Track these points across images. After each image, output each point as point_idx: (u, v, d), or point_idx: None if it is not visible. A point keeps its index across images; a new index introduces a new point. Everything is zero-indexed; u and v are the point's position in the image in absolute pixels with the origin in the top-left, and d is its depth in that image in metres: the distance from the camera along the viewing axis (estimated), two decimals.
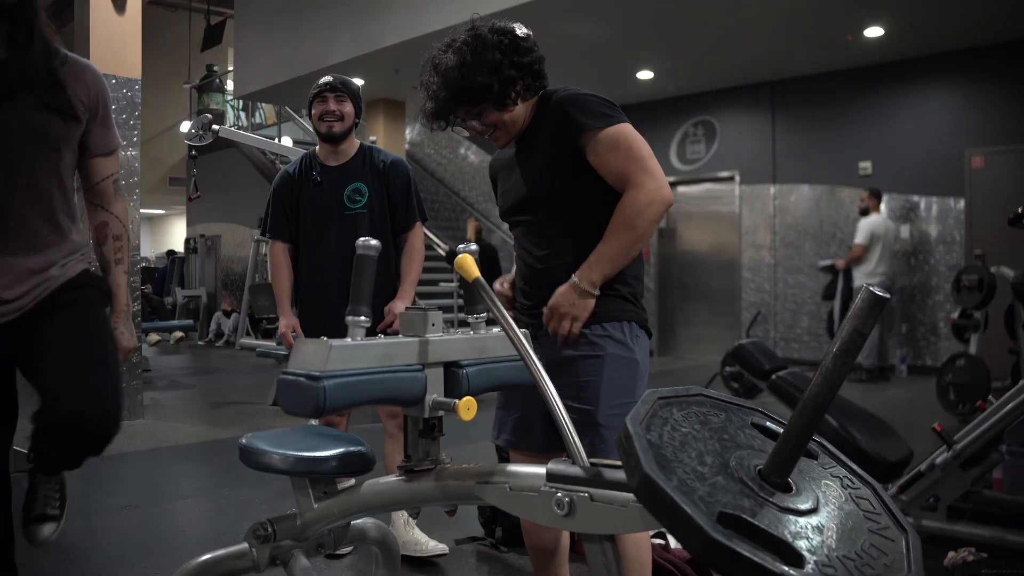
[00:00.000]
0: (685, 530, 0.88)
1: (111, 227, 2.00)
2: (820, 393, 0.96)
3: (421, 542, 2.82)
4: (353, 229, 2.79)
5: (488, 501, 1.34)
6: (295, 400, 1.39)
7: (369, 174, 2.89)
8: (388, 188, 2.89)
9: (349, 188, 2.86)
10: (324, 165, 2.90)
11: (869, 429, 3.08)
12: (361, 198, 2.86)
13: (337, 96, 2.87)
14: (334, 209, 2.85)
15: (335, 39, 8.06)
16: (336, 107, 2.86)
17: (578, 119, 1.82)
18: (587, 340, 1.79)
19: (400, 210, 2.91)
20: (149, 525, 3.25)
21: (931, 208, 7.81)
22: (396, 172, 2.92)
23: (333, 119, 2.85)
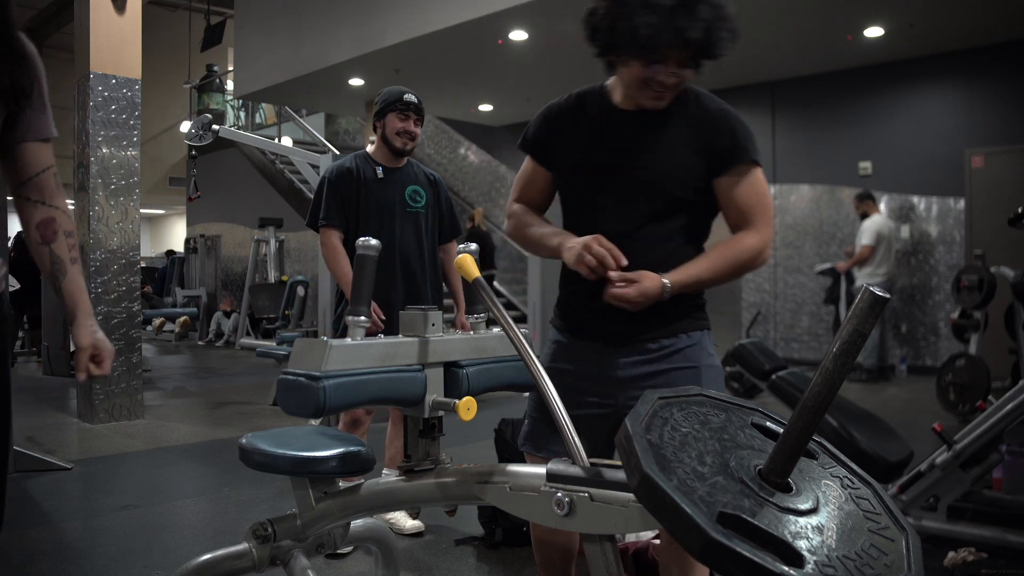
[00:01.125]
0: (685, 530, 0.88)
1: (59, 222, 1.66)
2: (820, 393, 0.96)
3: (398, 518, 3.02)
4: (415, 226, 3.09)
5: (488, 501, 1.34)
6: (295, 400, 1.39)
7: (423, 182, 3.16)
8: (438, 199, 3.19)
9: (410, 188, 3.10)
10: (385, 165, 3.10)
11: (869, 429, 3.08)
12: (420, 199, 3.12)
13: (418, 120, 3.09)
14: (397, 205, 3.06)
15: (335, 39, 8.06)
16: (415, 129, 3.08)
17: (744, 144, 1.73)
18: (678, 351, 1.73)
19: (447, 220, 3.23)
20: (149, 525, 3.25)
21: (931, 208, 7.81)
22: (442, 186, 3.25)
23: (409, 139, 3.07)
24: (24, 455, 4.11)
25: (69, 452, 4.57)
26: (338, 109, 11.63)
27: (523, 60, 7.97)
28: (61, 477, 4.03)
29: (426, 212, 3.13)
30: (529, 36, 7.15)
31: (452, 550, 2.93)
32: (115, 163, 5.50)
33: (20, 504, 3.58)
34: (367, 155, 3.14)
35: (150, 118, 13.96)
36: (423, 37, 7.19)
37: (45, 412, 5.94)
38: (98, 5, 5.47)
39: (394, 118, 3.05)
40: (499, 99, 9.92)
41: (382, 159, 3.11)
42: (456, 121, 11.77)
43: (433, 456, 1.52)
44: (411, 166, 3.18)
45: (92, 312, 1.71)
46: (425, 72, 8.53)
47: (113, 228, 5.48)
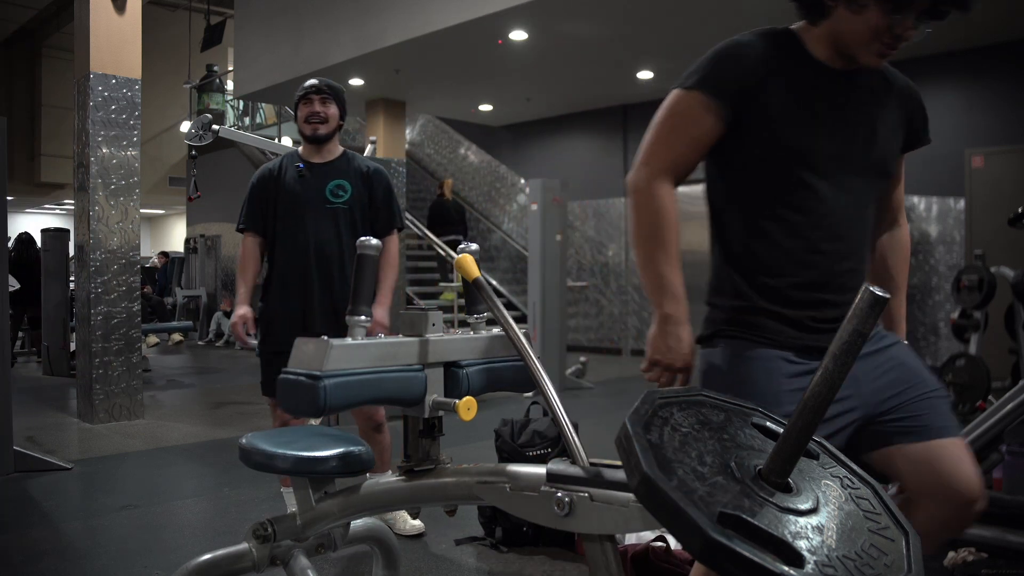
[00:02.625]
0: (685, 530, 0.88)
1: None
2: (820, 393, 0.96)
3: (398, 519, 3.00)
4: (334, 222, 2.87)
5: (488, 501, 1.34)
6: (296, 400, 1.39)
7: (353, 175, 2.94)
8: (371, 192, 2.95)
9: (332, 183, 2.90)
10: (308, 161, 2.94)
11: None
12: (344, 194, 2.90)
13: (323, 98, 2.90)
14: (315, 201, 2.88)
15: (335, 39, 8.06)
16: (321, 109, 2.89)
17: (926, 127, 1.60)
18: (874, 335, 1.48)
19: (382, 214, 2.98)
20: (149, 525, 3.25)
21: (931, 208, 7.81)
22: (379, 178, 2.98)
23: (318, 121, 2.89)
24: (24, 455, 4.11)
25: (69, 452, 4.57)
26: None
27: (523, 60, 7.97)
28: (61, 477, 4.03)
29: (350, 207, 2.91)
30: (529, 36, 7.15)
31: (452, 550, 2.93)
32: (115, 163, 5.50)
33: (20, 504, 3.58)
34: (295, 154, 3.02)
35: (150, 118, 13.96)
36: (423, 37, 7.19)
37: (45, 412, 5.94)
38: (98, 5, 5.47)
39: (301, 108, 2.92)
40: (499, 99, 9.92)
41: (307, 155, 2.97)
42: (456, 121, 11.77)
43: (433, 456, 1.52)
44: (344, 160, 2.98)
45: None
46: (425, 72, 8.53)
47: (113, 228, 5.48)
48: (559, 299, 6.94)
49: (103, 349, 5.37)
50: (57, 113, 16.03)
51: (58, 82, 15.92)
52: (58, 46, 15.43)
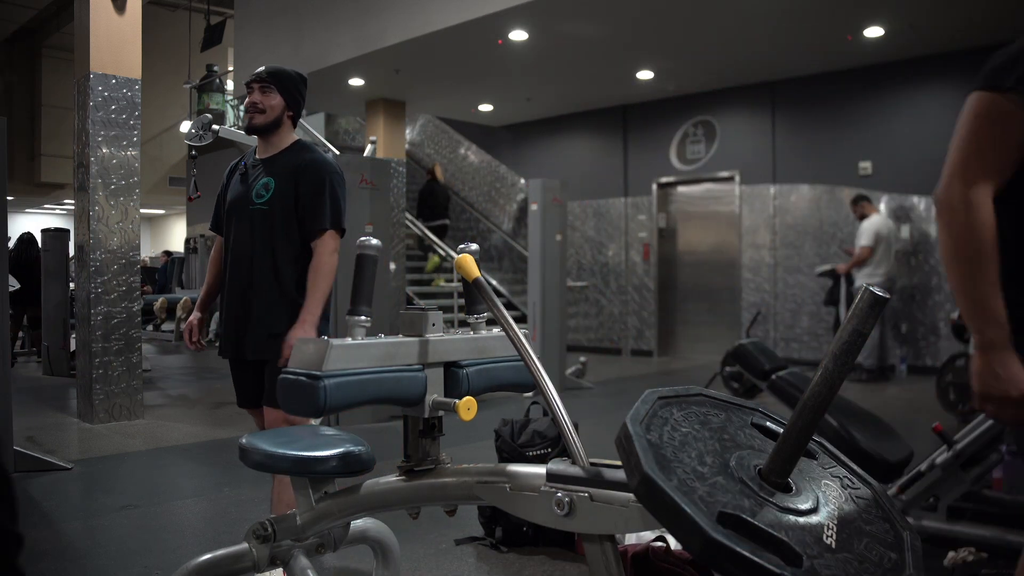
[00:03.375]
0: (685, 530, 0.88)
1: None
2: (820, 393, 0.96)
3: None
4: (250, 227, 2.58)
5: (488, 501, 1.34)
6: (295, 400, 1.39)
7: (285, 170, 2.61)
8: (297, 189, 2.58)
9: (260, 182, 2.61)
10: (256, 157, 2.70)
11: (869, 429, 3.08)
12: (266, 193, 2.59)
13: (262, 87, 2.63)
14: (241, 202, 2.63)
15: (335, 39, 8.06)
16: (260, 99, 2.62)
17: None
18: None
19: (307, 214, 2.57)
20: (149, 525, 3.25)
21: (931, 208, 7.80)
22: (311, 171, 2.60)
23: (254, 111, 2.63)
24: (24, 455, 4.11)
25: (69, 452, 4.57)
26: (338, 109, 11.63)
27: (523, 60, 7.96)
28: (61, 477, 4.03)
29: (270, 208, 2.57)
30: (529, 36, 7.15)
31: (452, 550, 2.93)
32: (115, 163, 5.50)
33: (20, 504, 3.58)
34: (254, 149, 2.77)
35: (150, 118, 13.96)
36: (423, 37, 7.19)
37: (45, 412, 5.94)
38: (98, 5, 5.47)
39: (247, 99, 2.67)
40: (499, 99, 9.92)
41: (259, 148, 2.71)
42: (456, 121, 11.77)
43: (433, 456, 1.52)
44: (285, 155, 2.65)
45: None
46: (425, 72, 8.53)
47: (113, 228, 5.48)
48: (559, 299, 6.94)
49: (103, 349, 5.37)
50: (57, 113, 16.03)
51: (58, 82, 15.92)
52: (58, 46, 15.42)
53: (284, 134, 2.68)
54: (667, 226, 9.86)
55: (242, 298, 2.60)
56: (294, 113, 2.69)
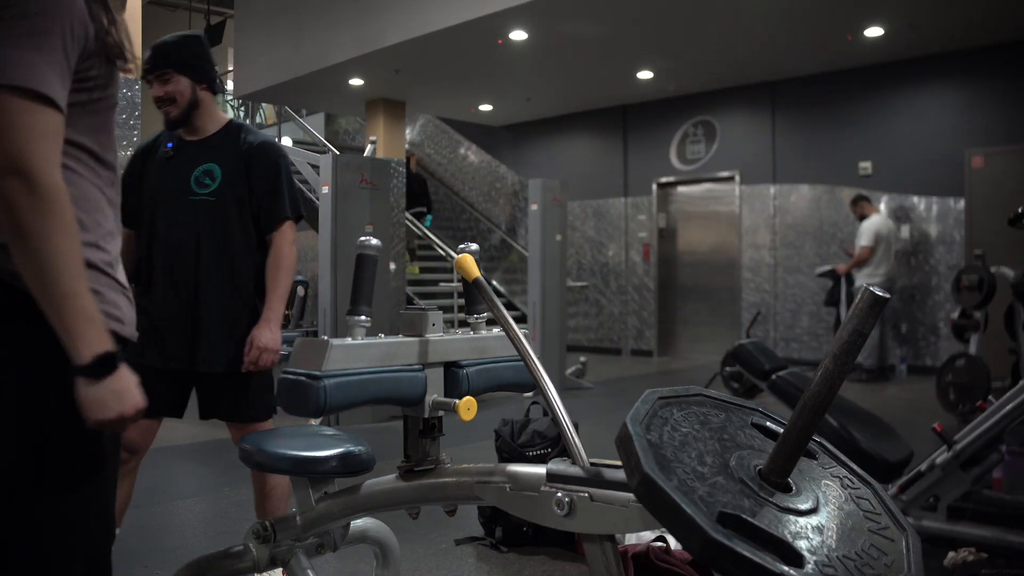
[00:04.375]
0: (685, 530, 0.88)
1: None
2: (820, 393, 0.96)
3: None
4: (194, 219, 2.27)
5: (488, 501, 1.34)
6: (296, 400, 1.39)
7: (230, 155, 2.33)
8: (249, 176, 2.32)
9: (199, 169, 2.30)
10: (181, 139, 2.36)
11: (869, 429, 3.08)
12: (212, 182, 2.30)
13: (160, 76, 2.28)
14: (175, 192, 2.29)
15: (335, 39, 8.06)
16: (163, 90, 2.28)
17: None
18: None
19: (264, 202, 2.33)
20: (149, 525, 3.25)
21: (931, 208, 7.81)
22: (262, 156, 2.34)
23: (164, 105, 2.30)
24: None
25: None
26: (338, 109, 11.63)
27: (523, 60, 7.96)
28: None
29: (219, 199, 2.28)
30: (529, 36, 7.15)
31: (452, 550, 2.93)
32: None
33: None
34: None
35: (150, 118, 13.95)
36: (423, 37, 7.19)
37: None
38: None
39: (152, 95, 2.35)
40: (499, 99, 9.92)
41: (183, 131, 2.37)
42: (456, 121, 11.77)
43: (433, 456, 1.52)
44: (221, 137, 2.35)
45: None
46: (425, 72, 8.53)
47: None
48: (559, 299, 6.94)
49: None
50: None
51: None
52: None
53: (209, 111, 2.36)
54: (667, 226, 9.85)
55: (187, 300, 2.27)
56: (207, 84, 2.35)
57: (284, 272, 2.34)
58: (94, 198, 1.17)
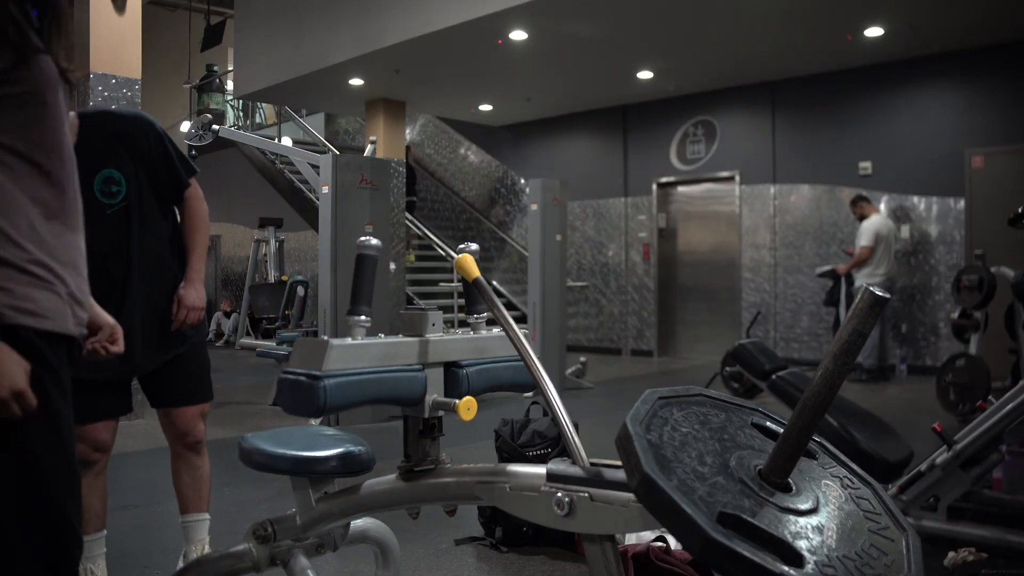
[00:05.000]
0: (685, 530, 0.88)
1: None
2: (820, 393, 0.96)
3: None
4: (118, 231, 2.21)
5: (488, 501, 1.34)
6: (295, 400, 1.39)
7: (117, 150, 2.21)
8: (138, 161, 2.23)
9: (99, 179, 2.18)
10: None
11: (869, 429, 3.08)
12: (119, 189, 2.21)
13: None
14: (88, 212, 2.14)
15: (335, 39, 8.06)
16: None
17: None
18: None
19: (162, 174, 2.28)
20: (149, 525, 3.25)
21: (931, 208, 7.81)
22: (143, 131, 2.25)
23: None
24: None
25: None
26: (338, 109, 11.63)
27: (523, 60, 7.96)
28: None
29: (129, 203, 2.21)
30: (529, 36, 7.15)
31: (452, 550, 2.93)
32: None
33: None
34: None
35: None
36: (423, 37, 7.19)
37: None
38: (98, 5, 5.47)
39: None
40: (499, 99, 9.92)
41: None
42: (456, 121, 11.77)
43: (433, 456, 1.52)
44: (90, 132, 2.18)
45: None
46: (425, 72, 8.53)
47: None
48: (559, 299, 6.94)
49: None
50: None
51: None
52: None
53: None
54: (667, 226, 9.85)
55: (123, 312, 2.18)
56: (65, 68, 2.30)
57: (202, 230, 2.37)
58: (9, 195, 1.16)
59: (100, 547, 2.43)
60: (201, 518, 2.59)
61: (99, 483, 2.40)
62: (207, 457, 2.61)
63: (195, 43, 12.51)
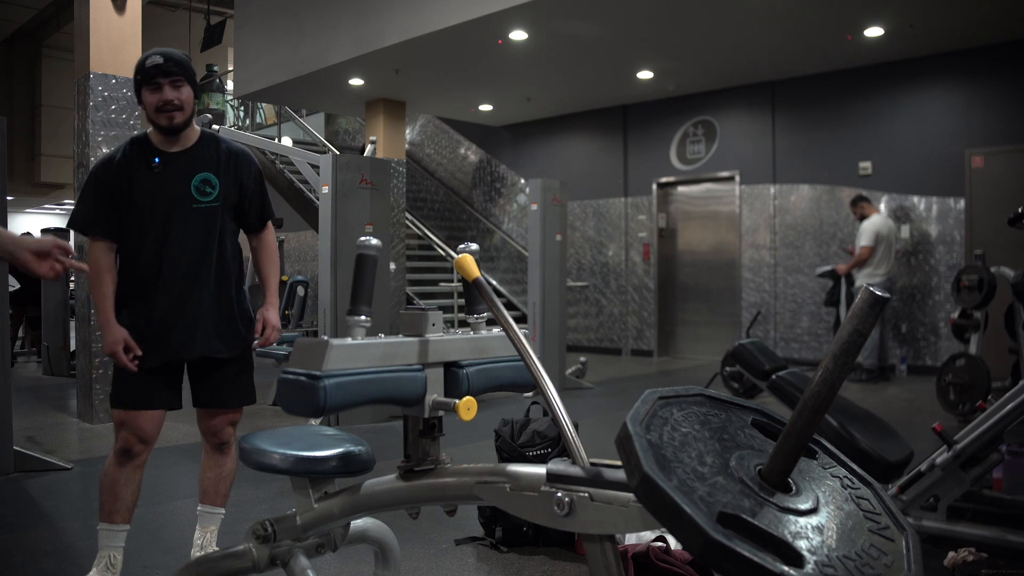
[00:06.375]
0: (685, 530, 0.88)
1: None
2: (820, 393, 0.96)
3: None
4: (205, 225, 2.50)
5: (488, 501, 1.34)
6: (295, 400, 1.39)
7: (221, 164, 2.54)
8: (240, 182, 2.57)
9: (197, 178, 2.49)
10: (164, 152, 2.50)
11: (869, 429, 3.08)
12: (212, 190, 2.51)
13: (174, 81, 2.44)
14: (181, 201, 2.47)
15: (335, 39, 8.06)
16: (174, 95, 2.44)
17: None
18: None
19: (254, 206, 2.63)
20: (149, 525, 3.25)
21: (931, 208, 7.81)
22: (248, 163, 2.61)
23: (173, 109, 2.44)
24: (24, 455, 4.10)
25: (69, 452, 4.57)
26: (338, 109, 11.63)
27: (523, 60, 7.96)
28: (61, 477, 4.02)
29: (220, 204, 2.52)
30: (529, 36, 7.15)
31: (452, 550, 2.93)
32: None
33: (20, 504, 3.58)
34: (144, 140, 2.52)
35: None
36: (423, 37, 7.19)
37: (45, 412, 5.94)
38: (98, 5, 5.47)
39: (147, 93, 2.45)
40: (499, 99, 9.92)
41: (159, 143, 2.50)
42: (456, 121, 11.77)
43: (433, 456, 1.52)
44: (203, 146, 2.54)
45: None
46: (425, 72, 8.53)
47: None
48: (559, 299, 6.94)
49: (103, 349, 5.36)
50: (57, 113, 16.02)
51: (58, 82, 15.91)
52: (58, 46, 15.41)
53: (192, 125, 2.57)
54: (667, 226, 9.85)
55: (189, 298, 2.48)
56: (197, 101, 2.61)
57: (276, 262, 2.74)
58: None
59: (122, 540, 2.52)
60: (215, 511, 2.71)
61: (136, 477, 2.51)
62: (234, 457, 2.71)
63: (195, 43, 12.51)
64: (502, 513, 2.87)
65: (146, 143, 2.51)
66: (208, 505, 2.70)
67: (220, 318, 2.54)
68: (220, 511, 2.71)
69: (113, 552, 2.50)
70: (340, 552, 1.88)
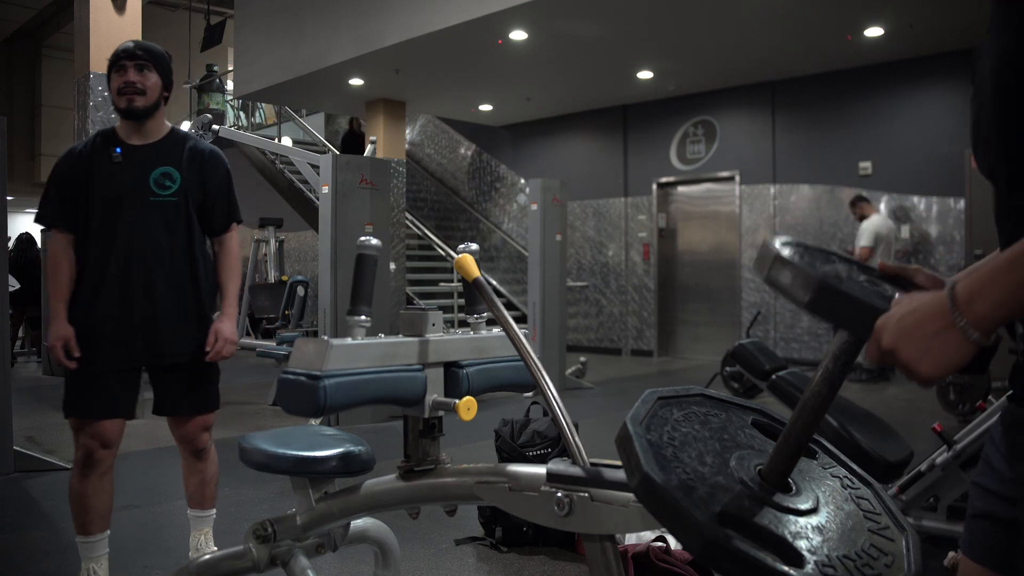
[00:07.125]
0: (685, 530, 0.88)
1: None
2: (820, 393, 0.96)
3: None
4: (165, 220, 2.43)
5: (488, 501, 1.34)
6: (295, 400, 1.39)
7: (183, 160, 2.49)
8: (204, 182, 2.52)
9: (157, 171, 2.44)
10: (127, 144, 2.46)
11: (869, 429, 3.08)
12: (172, 184, 2.45)
13: (138, 65, 2.42)
14: (137, 194, 2.41)
15: (335, 39, 8.06)
16: (137, 78, 2.41)
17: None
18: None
19: (219, 207, 2.56)
20: (149, 525, 3.25)
21: (931, 208, 7.81)
22: (215, 163, 2.56)
23: (133, 92, 2.41)
24: (24, 455, 4.10)
25: (69, 452, 4.56)
26: (338, 109, 11.63)
27: (523, 60, 7.96)
28: (61, 477, 4.02)
29: (180, 200, 2.44)
30: (529, 36, 7.15)
31: (452, 550, 2.93)
32: None
33: (20, 504, 3.58)
34: (111, 132, 2.49)
35: None
36: (423, 37, 7.19)
37: (45, 412, 5.93)
38: (98, 5, 5.47)
39: (114, 77, 2.43)
40: (499, 99, 9.92)
41: (124, 133, 2.47)
42: (456, 121, 11.76)
43: (433, 456, 1.52)
44: (170, 142, 2.51)
45: None
46: (425, 72, 8.53)
47: None
48: (559, 299, 6.94)
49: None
50: (57, 113, 16.02)
51: (58, 82, 15.92)
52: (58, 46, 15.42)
53: (161, 118, 2.54)
54: (667, 226, 9.85)
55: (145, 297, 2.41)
56: (168, 94, 2.54)
57: (237, 271, 2.60)
58: None
59: (103, 548, 2.47)
60: (206, 514, 2.71)
61: (104, 484, 2.46)
62: (214, 460, 2.72)
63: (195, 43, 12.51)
64: (502, 513, 2.87)
65: (111, 135, 2.48)
66: (197, 509, 2.69)
67: (182, 320, 2.46)
68: (211, 513, 2.71)
69: (94, 564, 2.46)
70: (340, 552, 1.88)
